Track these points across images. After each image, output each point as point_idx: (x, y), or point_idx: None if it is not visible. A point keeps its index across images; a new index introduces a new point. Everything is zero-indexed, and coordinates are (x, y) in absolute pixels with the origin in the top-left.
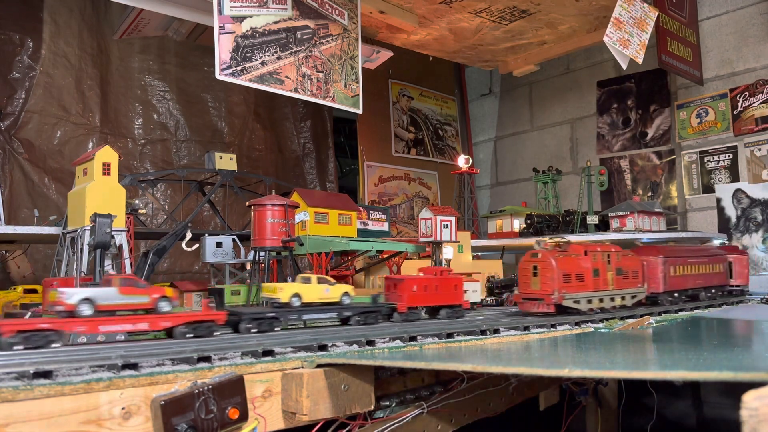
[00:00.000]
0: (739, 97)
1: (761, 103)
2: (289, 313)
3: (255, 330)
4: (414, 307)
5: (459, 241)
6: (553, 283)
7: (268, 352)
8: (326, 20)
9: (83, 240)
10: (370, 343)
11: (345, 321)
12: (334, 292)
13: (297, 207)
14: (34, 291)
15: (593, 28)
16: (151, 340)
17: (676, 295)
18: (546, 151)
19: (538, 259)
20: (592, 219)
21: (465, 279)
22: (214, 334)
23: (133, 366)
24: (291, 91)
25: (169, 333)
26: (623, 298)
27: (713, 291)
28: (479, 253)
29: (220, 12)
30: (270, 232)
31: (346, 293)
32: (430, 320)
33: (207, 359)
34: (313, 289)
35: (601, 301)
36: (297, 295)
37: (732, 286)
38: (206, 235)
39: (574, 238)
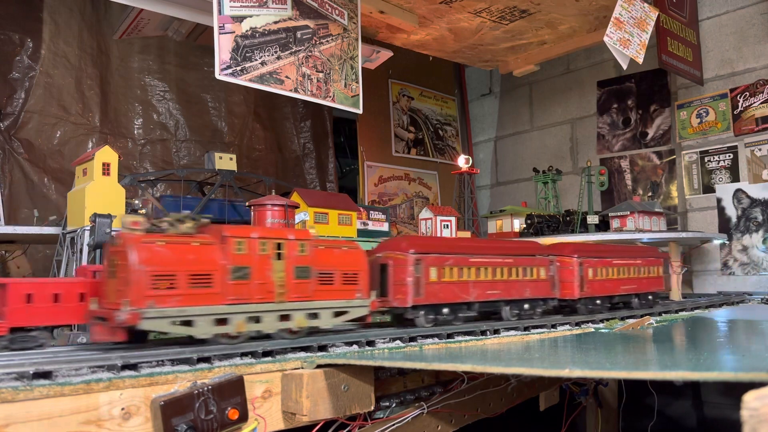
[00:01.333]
0: (740, 97)
1: (761, 103)
2: None
3: None
4: (30, 327)
5: None
6: (129, 290)
7: (267, 353)
8: (326, 20)
9: (83, 240)
10: (370, 343)
11: None
12: None
13: (297, 207)
14: None
15: (593, 28)
16: (151, 340)
17: (445, 311)
18: (546, 151)
19: (118, 248)
20: (593, 219)
21: None
22: None
23: (133, 366)
24: (291, 91)
25: None
26: (314, 316)
27: (526, 306)
28: None
29: (220, 12)
30: None
31: None
32: (64, 347)
33: (207, 360)
34: None
35: (256, 321)
36: None
37: (562, 300)
38: None
39: (572, 238)
